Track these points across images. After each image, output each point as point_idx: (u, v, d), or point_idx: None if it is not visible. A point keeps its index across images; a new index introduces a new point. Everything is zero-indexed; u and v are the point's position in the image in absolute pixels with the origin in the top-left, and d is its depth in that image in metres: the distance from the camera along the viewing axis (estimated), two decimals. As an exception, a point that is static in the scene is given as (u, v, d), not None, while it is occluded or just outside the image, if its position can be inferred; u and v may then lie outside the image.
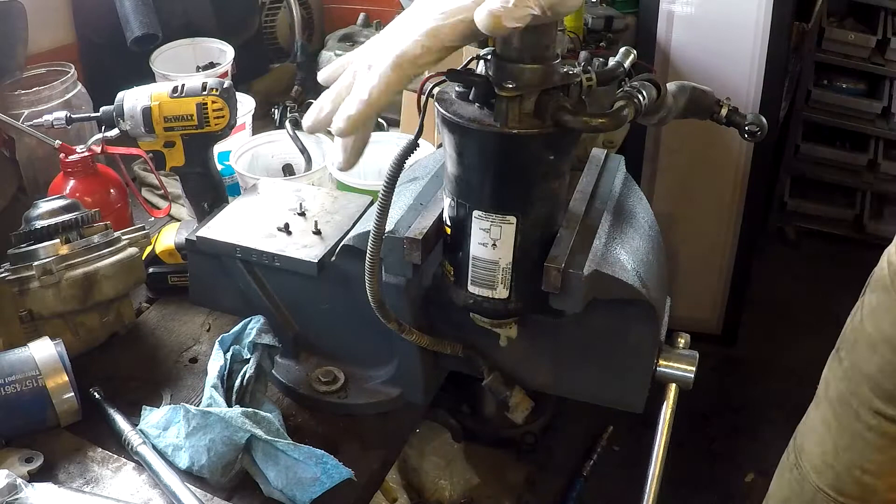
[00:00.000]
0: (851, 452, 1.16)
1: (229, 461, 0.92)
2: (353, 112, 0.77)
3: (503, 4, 0.71)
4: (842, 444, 1.17)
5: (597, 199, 1.01)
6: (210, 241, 1.07)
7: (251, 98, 1.57)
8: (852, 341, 1.14)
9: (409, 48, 0.75)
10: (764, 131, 1.03)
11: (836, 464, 1.18)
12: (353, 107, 0.77)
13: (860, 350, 1.12)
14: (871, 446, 1.13)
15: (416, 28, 0.76)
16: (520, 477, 2.19)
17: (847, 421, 1.15)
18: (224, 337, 1.03)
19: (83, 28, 1.72)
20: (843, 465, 1.17)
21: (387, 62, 0.76)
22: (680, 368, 0.99)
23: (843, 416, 1.16)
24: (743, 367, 2.71)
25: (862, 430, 1.13)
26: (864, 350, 1.11)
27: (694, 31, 2.30)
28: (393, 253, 0.92)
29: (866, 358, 1.11)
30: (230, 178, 1.45)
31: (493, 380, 1.02)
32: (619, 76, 0.93)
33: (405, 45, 0.76)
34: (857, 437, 1.14)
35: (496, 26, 0.71)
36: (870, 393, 1.11)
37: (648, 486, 0.98)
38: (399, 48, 0.76)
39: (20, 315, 1.06)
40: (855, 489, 1.17)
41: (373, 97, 0.76)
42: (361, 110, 0.77)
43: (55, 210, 1.12)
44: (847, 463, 1.16)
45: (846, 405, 1.15)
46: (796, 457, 1.26)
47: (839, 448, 1.17)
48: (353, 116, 0.77)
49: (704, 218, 2.52)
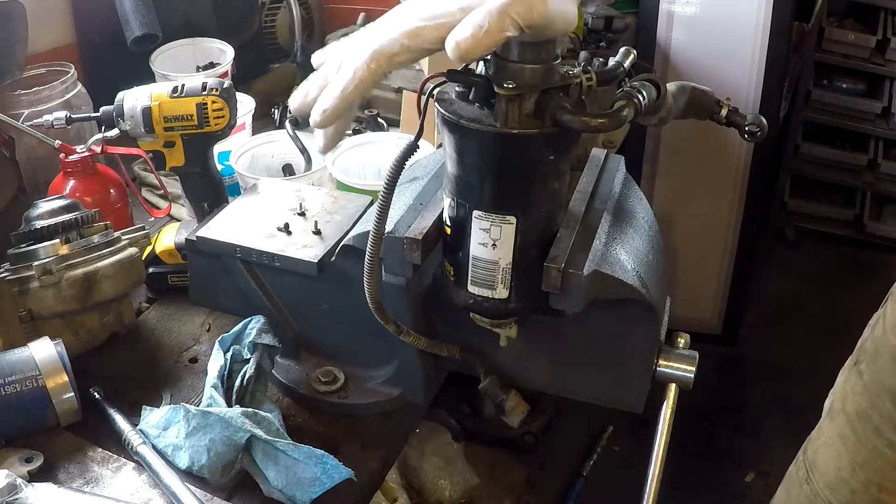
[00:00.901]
0: (870, 470, 1.11)
1: (229, 461, 0.92)
2: (329, 106, 0.81)
3: (473, 33, 0.71)
4: (859, 461, 1.12)
5: (597, 199, 1.01)
6: (210, 241, 1.07)
7: (251, 98, 1.57)
8: (874, 354, 1.09)
9: (387, 45, 0.79)
10: (764, 131, 1.03)
11: (852, 480, 1.13)
12: (329, 101, 0.81)
13: (884, 363, 1.07)
14: (891, 464, 1.09)
15: (399, 26, 0.79)
16: (520, 477, 2.19)
17: (866, 437, 1.10)
18: (224, 337, 1.03)
19: (83, 28, 1.72)
20: (859, 482, 1.13)
21: (363, 57, 0.79)
22: (680, 368, 0.99)
23: (861, 432, 1.11)
24: (743, 367, 2.71)
25: (882, 447, 1.08)
26: (888, 363, 1.06)
27: (694, 31, 2.30)
28: (393, 253, 0.92)
29: (891, 371, 1.06)
30: (230, 178, 1.45)
31: (490, 383, 1.01)
32: (619, 76, 0.92)
33: (384, 41, 0.79)
34: (877, 454, 1.10)
35: (465, 56, 0.72)
36: (893, 408, 1.06)
37: (648, 486, 0.98)
38: (378, 43, 0.79)
39: (20, 315, 1.06)
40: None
41: (347, 92, 0.80)
42: (336, 105, 0.81)
43: (55, 210, 1.12)
44: (864, 480, 1.12)
45: (866, 420, 1.10)
46: (807, 471, 1.22)
47: (856, 464, 1.12)
48: (328, 110, 0.81)
49: (704, 218, 2.52)
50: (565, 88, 0.82)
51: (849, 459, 1.14)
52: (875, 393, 1.08)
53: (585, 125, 0.80)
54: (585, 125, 0.80)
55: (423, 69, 1.70)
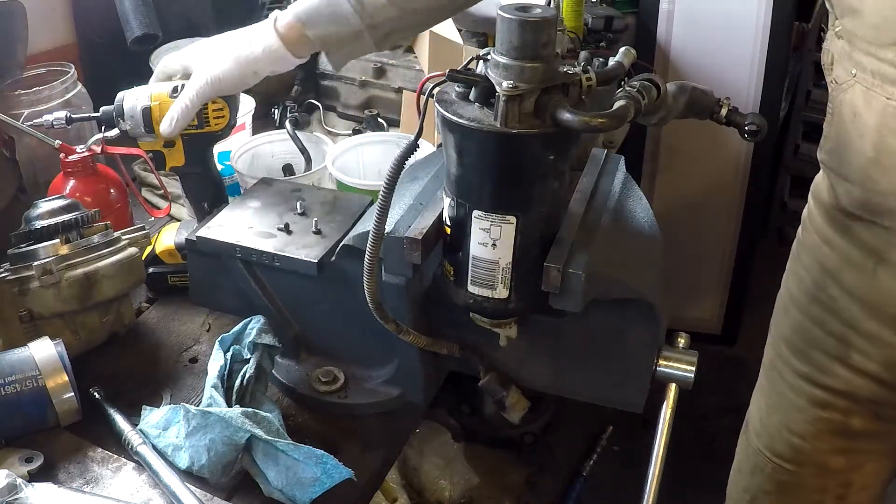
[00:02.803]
0: (780, 413, 1.23)
1: (229, 461, 0.92)
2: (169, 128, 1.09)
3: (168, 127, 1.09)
4: (772, 405, 1.25)
5: (597, 199, 1.01)
6: (210, 241, 1.07)
7: (251, 98, 1.57)
8: (776, 308, 1.26)
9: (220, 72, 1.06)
10: (764, 131, 1.03)
11: (769, 425, 1.26)
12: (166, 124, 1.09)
13: (778, 314, 1.24)
14: (794, 406, 1.20)
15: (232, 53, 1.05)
16: (520, 477, 2.20)
17: (774, 382, 1.24)
18: (224, 337, 1.03)
19: (83, 28, 1.71)
20: (774, 426, 1.24)
21: (200, 82, 1.06)
22: (680, 368, 0.99)
23: (772, 378, 1.25)
24: (743, 367, 2.70)
25: (785, 390, 1.21)
26: (780, 313, 1.23)
27: (694, 31, 2.30)
28: (393, 253, 0.92)
29: (781, 320, 1.23)
30: (230, 178, 1.45)
31: (490, 380, 1.02)
32: (619, 76, 0.92)
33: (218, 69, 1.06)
34: (783, 397, 1.22)
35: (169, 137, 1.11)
36: (788, 353, 1.20)
37: (648, 486, 0.99)
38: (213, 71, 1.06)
39: (20, 315, 1.06)
40: (786, 450, 1.24)
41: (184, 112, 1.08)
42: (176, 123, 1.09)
43: (55, 210, 1.12)
44: (777, 424, 1.24)
45: (773, 367, 1.25)
46: (746, 422, 1.34)
47: (770, 409, 1.25)
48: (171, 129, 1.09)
49: (704, 218, 2.52)
50: (565, 88, 0.82)
51: (765, 405, 1.27)
52: (776, 342, 1.24)
53: (585, 125, 0.80)
54: (585, 125, 0.80)
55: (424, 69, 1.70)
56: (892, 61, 0.91)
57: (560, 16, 1.81)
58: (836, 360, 1.13)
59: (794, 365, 1.19)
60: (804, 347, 1.17)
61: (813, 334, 1.15)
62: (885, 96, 0.93)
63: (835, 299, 1.11)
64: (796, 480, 1.25)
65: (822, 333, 1.14)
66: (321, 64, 1.89)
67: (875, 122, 0.95)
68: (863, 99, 0.96)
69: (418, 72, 1.76)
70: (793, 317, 1.19)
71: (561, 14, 1.82)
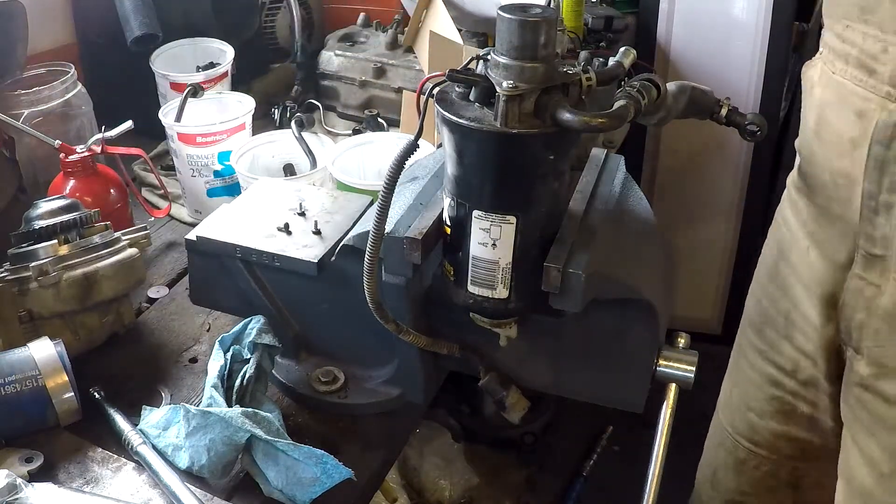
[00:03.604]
0: (740, 391, 1.27)
1: (229, 461, 0.92)
2: None
3: None
4: (735, 381, 1.29)
5: (597, 199, 1.01)
6: (210, 240, 1.07)
7: (251, 98, 1.57)
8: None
9: None
10: (764, 131, 1.03)
11: (732, 403, 1.30)
12: None
13: (747, 298, 1.28)
14: (753, 384, 1.23)
15: None
16: (520, 477, 2.19)
17: (738, 361, 1.29)
18: (224, 337, 1.03)
19: (83, 28, 1.72)
20: (735, 404, 1.28)
21: None
22: (680, 368, 0.99)
23: (736, 357, 1.29)
24: (743, 367, 2.70)
25: (746, 368, 1.25)
26: (750, 293, 1.28)
27: (694, 31, 2.30)
28: (393, 253, 0.92)
29: (749, 298, 1.27)
30: (230, 177, 1.45)
31: (490, 380, 1.02)
32: (619, 76, 0.92)
33: None
34: (743, 375, 1.26)
35: None
36: (749, 330, 1.24)
37: (648, 486, 0.98)
38: None
39: (20, 315, 1.06)
40: (745, 427, 1.27)
41: None
42: None
43: (55, 210, 1.12)
44: (738, 402, 1.28)
45: (739, 345, 1.29)
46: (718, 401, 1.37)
47: (734, 385, 1.29)
48: None
49: (704, 218, 2.52)
50: (565, 88, 0.82)
51: (730, 384, 1.32)
52: (744, 320, 1.28)
53: (585, 125, 0.80)
54: (585, 125, 0.80)
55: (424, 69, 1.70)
56: (841, 35, 0.93)
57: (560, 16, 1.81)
58: (784, 339, 1.15)
59: (754, 341, 1.23)
60: (760, 325, 1.21)
61: (769, 312, 1.19)
62: (831, 70, 0.96)
63: (784, 277, 1.14)
64: (752, 461, 1.27)
65: (774, 311, 1.17)
66: (321, 64, 1.89)
67: (820, 95, 0.98)
68: (819, 73, 0.99)
69: (418, 72, 1.76)
70: (755, 295, 1.24)
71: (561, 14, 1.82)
